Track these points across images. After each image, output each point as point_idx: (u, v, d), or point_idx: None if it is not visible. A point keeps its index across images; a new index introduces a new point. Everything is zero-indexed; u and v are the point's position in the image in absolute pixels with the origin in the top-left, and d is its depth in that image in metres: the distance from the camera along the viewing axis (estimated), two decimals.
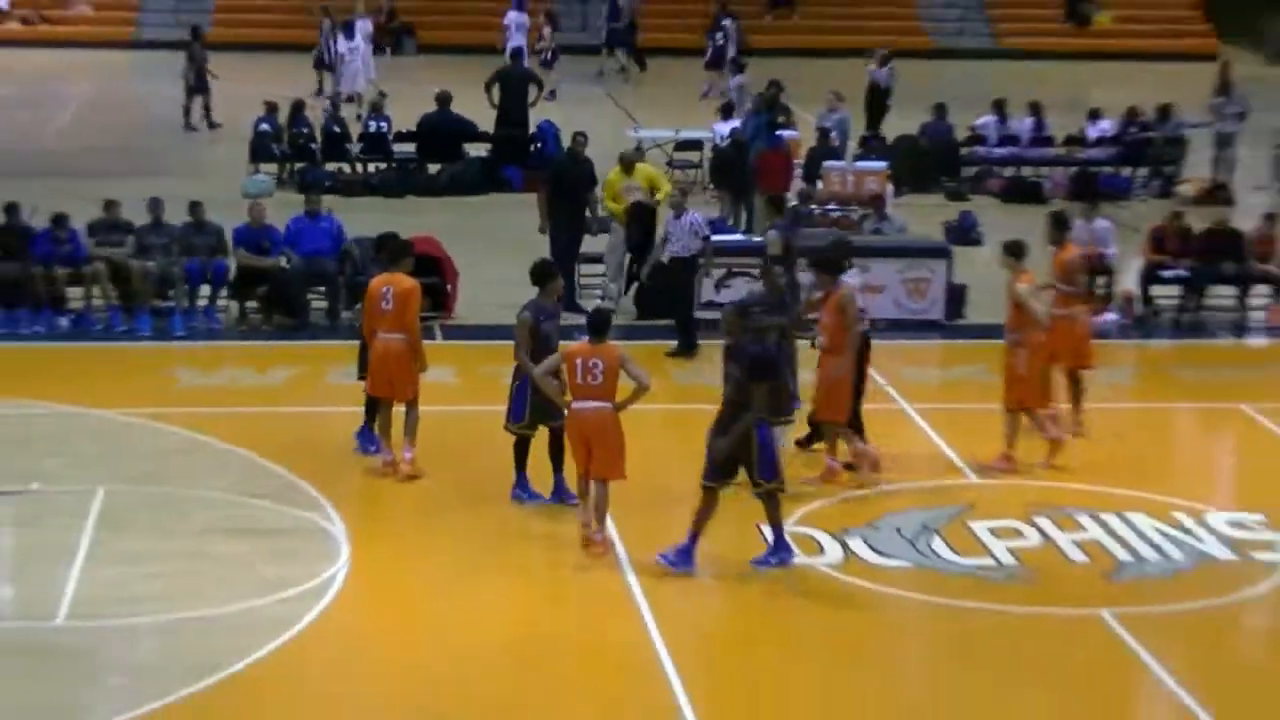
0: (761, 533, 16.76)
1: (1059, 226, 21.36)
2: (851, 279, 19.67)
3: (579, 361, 17.03)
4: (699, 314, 24.02)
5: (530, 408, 17.83)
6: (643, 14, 45.80)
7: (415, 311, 19.26)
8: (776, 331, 18.55)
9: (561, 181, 26.43)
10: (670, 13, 48.75)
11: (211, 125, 37.64)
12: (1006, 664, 15.39)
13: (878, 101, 36.76)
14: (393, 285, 19.05)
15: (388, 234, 21.48)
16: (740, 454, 16.46)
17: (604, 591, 16.42)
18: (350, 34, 39.34)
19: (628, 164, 26.60)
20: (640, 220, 25.24)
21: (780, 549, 16.83)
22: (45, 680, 14.67)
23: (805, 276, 20.90)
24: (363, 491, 18.76)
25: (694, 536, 16.53)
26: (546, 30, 44.19)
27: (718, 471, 16.52)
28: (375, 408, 19.47)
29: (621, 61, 46.64)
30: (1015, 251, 20.27)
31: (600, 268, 26.40)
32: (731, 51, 44.92)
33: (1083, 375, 20.64)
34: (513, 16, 42.82)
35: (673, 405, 20.79)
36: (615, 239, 25.52)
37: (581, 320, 19.52)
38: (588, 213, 26.17)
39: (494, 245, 24.71)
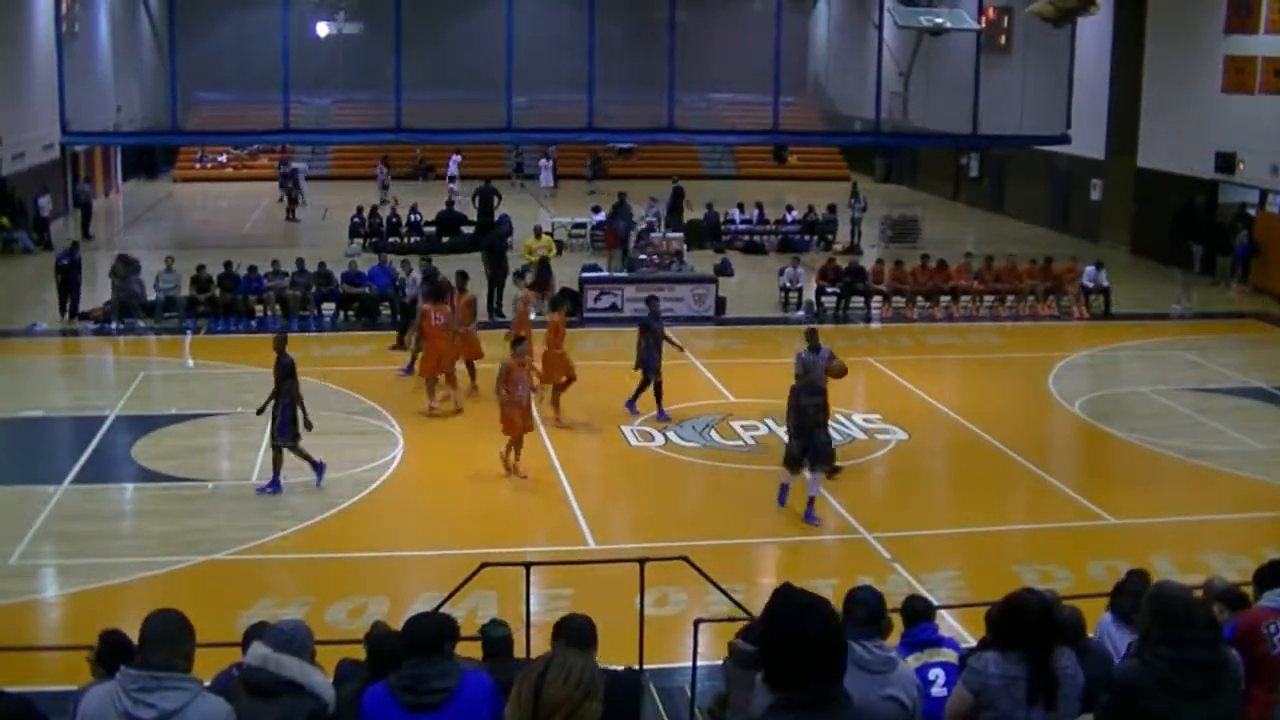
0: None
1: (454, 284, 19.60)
2: None
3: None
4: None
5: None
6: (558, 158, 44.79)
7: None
8: None
9: (493, 240, 26.12)
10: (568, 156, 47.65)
11: (296, 220, 36.82)
12: (748, 496, 15.40)
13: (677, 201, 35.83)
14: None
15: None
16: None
17: (538, 458, 16.28)
18: (386, 166, 39.55)
19: (537, 233, 26.48)
20: (545, 265, 24.83)
21: (275, 483, 14.92)
22: (243, 512, 14.49)
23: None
24: (408, 411, 18.30)
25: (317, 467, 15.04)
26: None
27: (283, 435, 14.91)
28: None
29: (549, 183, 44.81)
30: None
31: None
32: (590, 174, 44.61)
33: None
34: (454, 158, 42.16)
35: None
36: (532, 273, 24.79)
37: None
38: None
39: (474, 275, 24.18)
